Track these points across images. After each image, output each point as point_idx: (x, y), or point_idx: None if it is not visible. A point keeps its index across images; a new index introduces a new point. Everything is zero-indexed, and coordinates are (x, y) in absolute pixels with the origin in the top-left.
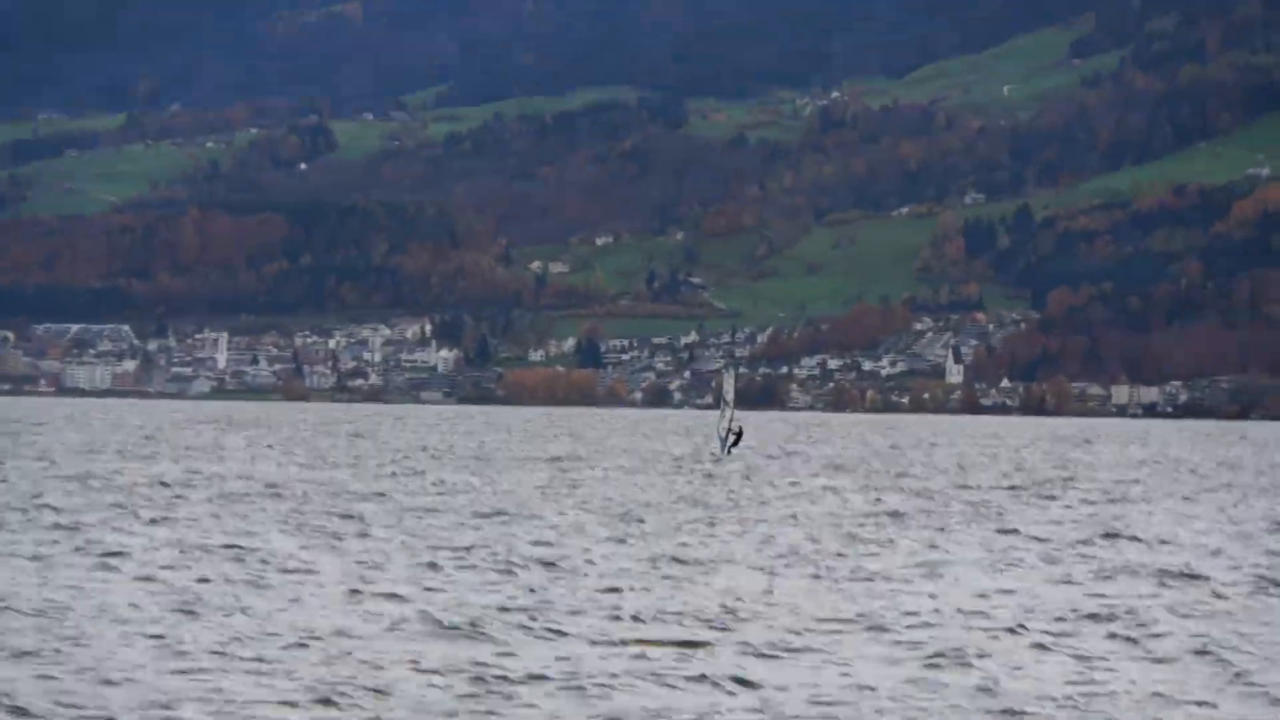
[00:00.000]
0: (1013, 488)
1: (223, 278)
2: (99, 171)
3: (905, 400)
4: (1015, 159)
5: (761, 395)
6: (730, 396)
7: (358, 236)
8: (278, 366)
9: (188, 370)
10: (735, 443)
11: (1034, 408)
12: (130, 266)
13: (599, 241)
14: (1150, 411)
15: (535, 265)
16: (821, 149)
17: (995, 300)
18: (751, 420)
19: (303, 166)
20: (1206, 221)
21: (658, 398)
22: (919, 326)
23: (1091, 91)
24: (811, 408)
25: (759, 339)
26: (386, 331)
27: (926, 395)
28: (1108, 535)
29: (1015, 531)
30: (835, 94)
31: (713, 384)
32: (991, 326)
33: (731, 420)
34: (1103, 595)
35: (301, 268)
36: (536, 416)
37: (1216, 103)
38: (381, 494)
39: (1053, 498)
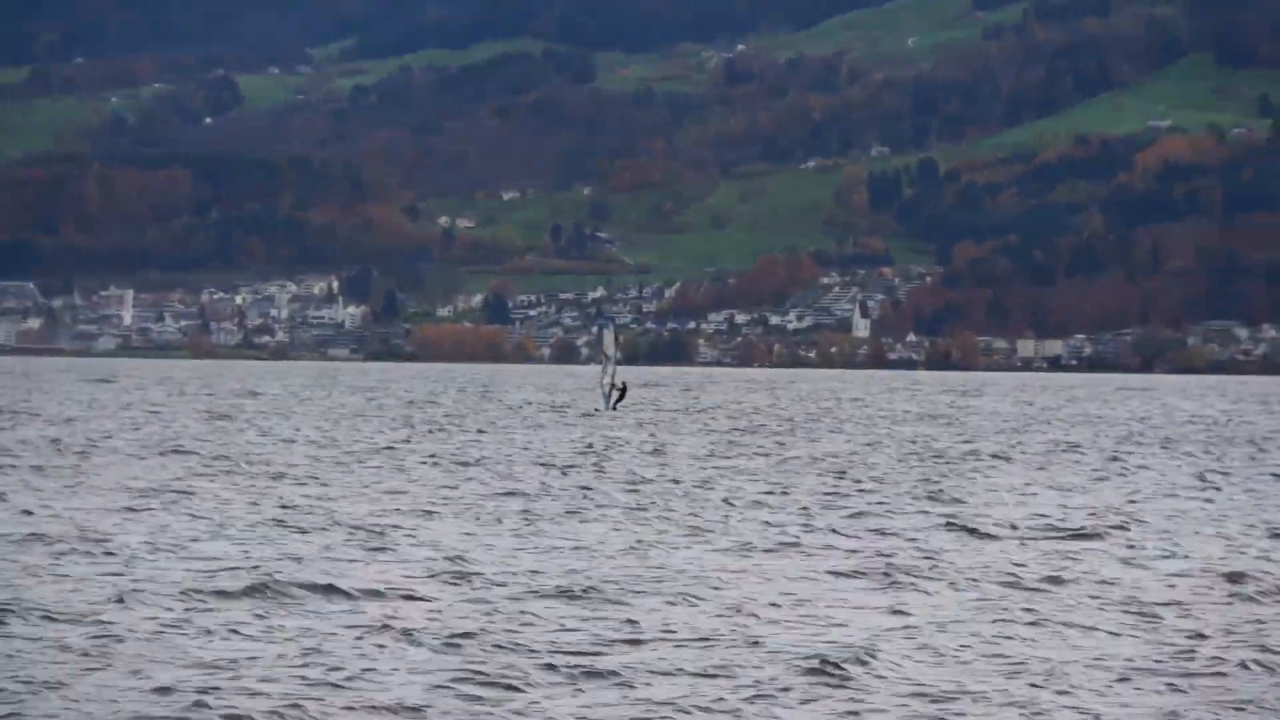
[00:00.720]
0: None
1: (129, 233)
2: (2, 125)
3: (813, 355)
4: (919, 112)
5: (669, 350)
6: (611, 351)
7: (264, 191)
8: (184, 323)
9: (93, 328)
10: (619, 399)
11: (940, 362)
12: (35, 222)
13: (506, 196)
14: (1055, 365)
15: (443, 220)
16: (728, 102)
17: (901, 254)
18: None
19: (209, 120)
20: (1109, 174)
21: (565, 353)
22: (825, 280)
23: (994, 44)
24: (719, 363)
25: (667, 293)
26: (293, 288)
27: (834, 349)
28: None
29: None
30: (741, 47)
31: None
32: (897, 280)
33: (614, 375)
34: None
35: (208, 222)
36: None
37: (1118, 55)
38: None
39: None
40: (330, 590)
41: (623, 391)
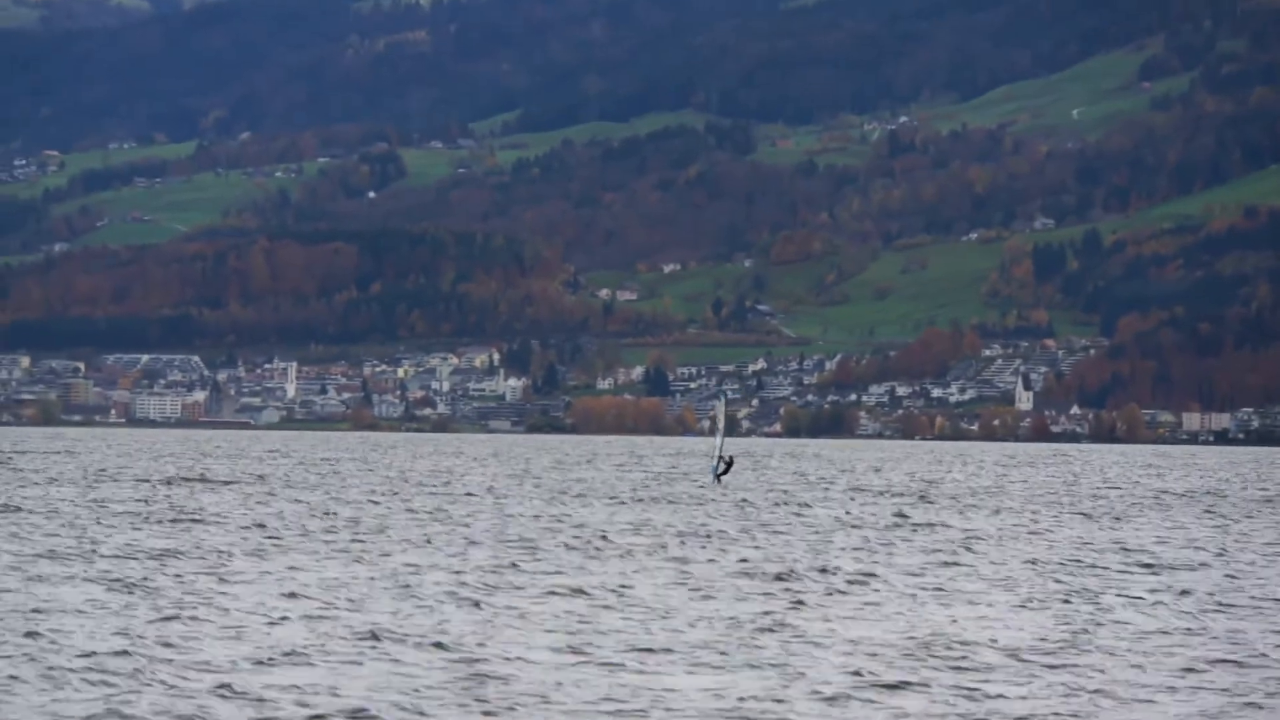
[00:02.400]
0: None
1: (292, 307)
2: (169, 200)
3: (975, 427)
4: (1083, 182)
5: (830, 423)
6: (721, 424)
7: (426, 264)
8: (346, 396)
9: (257, 400)
10: (725, 471)
11: (1104, 435)
12: (200, 296)
13: (666, 269)
14: (1222, 438)
15: (603, 292)
16: (890, 174)
17: (1064, 326)
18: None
19: (372, 195)
20: (1277, 245)
21: (727, 427)
22: (988, 353)
23: (1161, 114)
24: (880, 435)
25: (827, 366)
26: (455, 360)
27: (996, 422)
28: None
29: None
30: (903, 118)
31: (778, 410)
32: (1061, 353)
33: (722, 448)
34: None
35: (370, 296)
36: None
37: None
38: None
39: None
40: None
41: (729, 465)
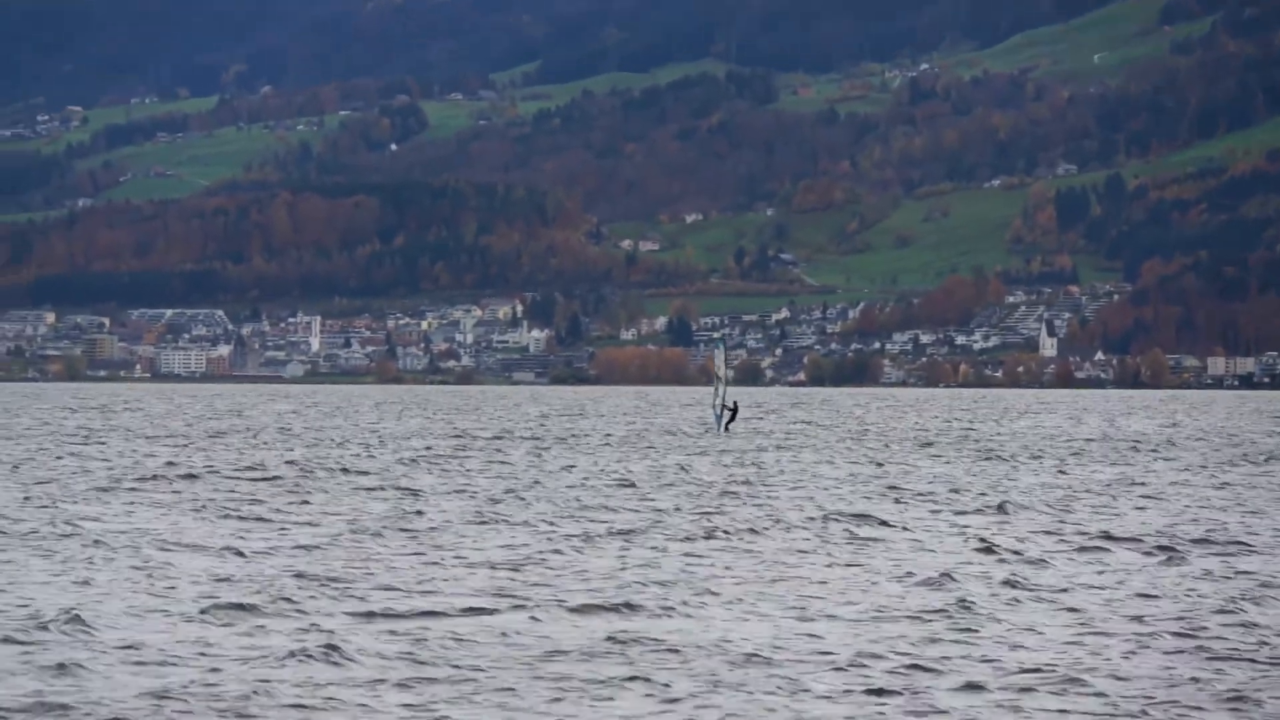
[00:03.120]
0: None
1: (315, 260)
2: (191, 155)
3: (999, 374)
4: (1106, 128)
5: (854, 371)
6: (722, 372)
7: (448, 217)
8: (370, 349)
9: (281, 354)
10: (731, 419)
11: (1129, 380)
12: (223, 250)
13: (688, 219)
14: (1246, 382)
15: (625, 243)
16: (911, 121)
17: (1088, 272)
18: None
19: (393, 147)
20: None
21: (750, 375)
22: (1011, 300)
23: (1182, 58)
24: (904, 383)
25: (850, 314)
26: (478, 313)
27: (1020, 369)
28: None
29: None
30: (924, 66)
31: (802, 360)
32: (1085, 299)
33: (725, 396)
34: None
35: (393, 249)
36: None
37: None
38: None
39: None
40: None
41: (734, 412)
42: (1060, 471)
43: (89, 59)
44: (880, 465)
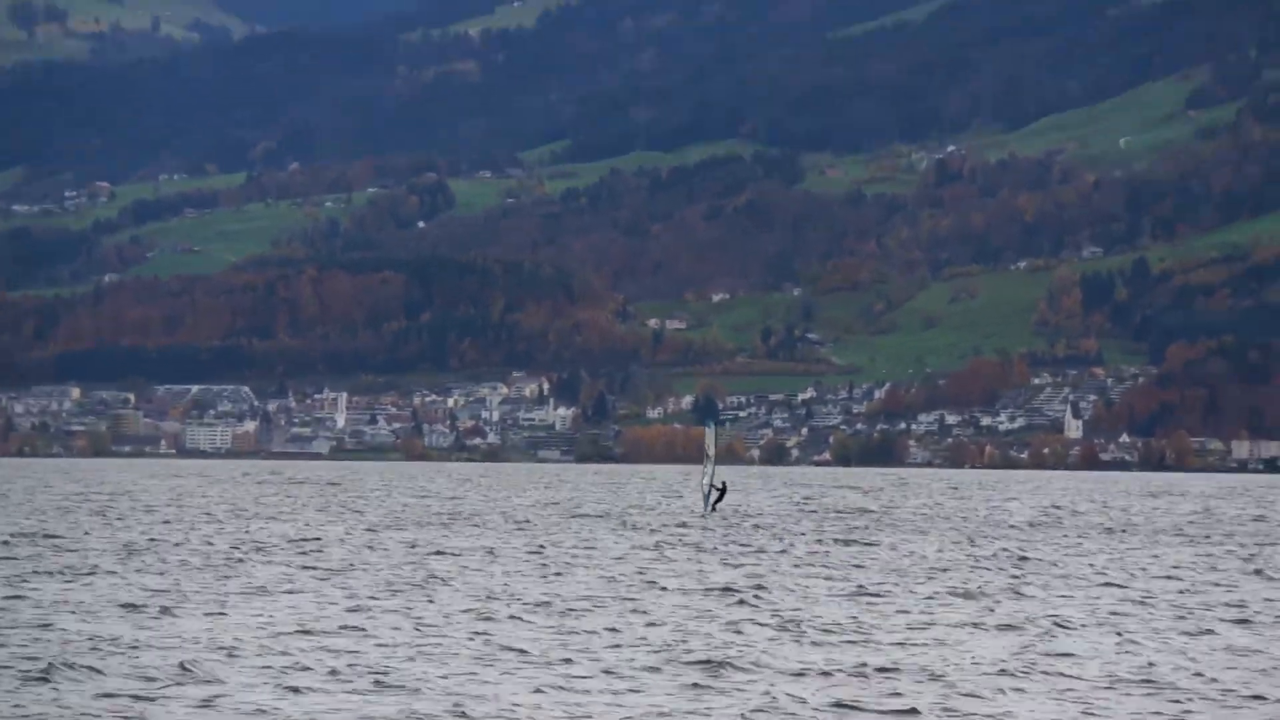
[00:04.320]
0: None
1: (342, 337)
2: (219, 231)
3: (1024, 456)
4: (1132, 211)
5: (879, 451)
6: (712, 451)
7: (475, 294)
8: (396, 425)
9: (307, 430)
10: (719, 499)
11: (1154, 463)
12: (250, 326)
13: (715, 298)
14: (1271, 466)
15: (653, 322)
16: (938, 203)
17: (1113, 355)
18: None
19: (421, 224)
20: None
21: (775, 455)
22: (1037, 381)
23: (1208, 143)
24: (930, 464)
25: (876, 394)
26: (504, 390)
27: (1046, 450)
28: None
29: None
30: (951, 148)
31: (828, 439)
32: (1110, 381)
33: (713, 476)
34: None
35: (420, 326)
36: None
37: None
38: None
39: None
40: None
41: (722, 492)
42: None
43: (117, 135)
44: None
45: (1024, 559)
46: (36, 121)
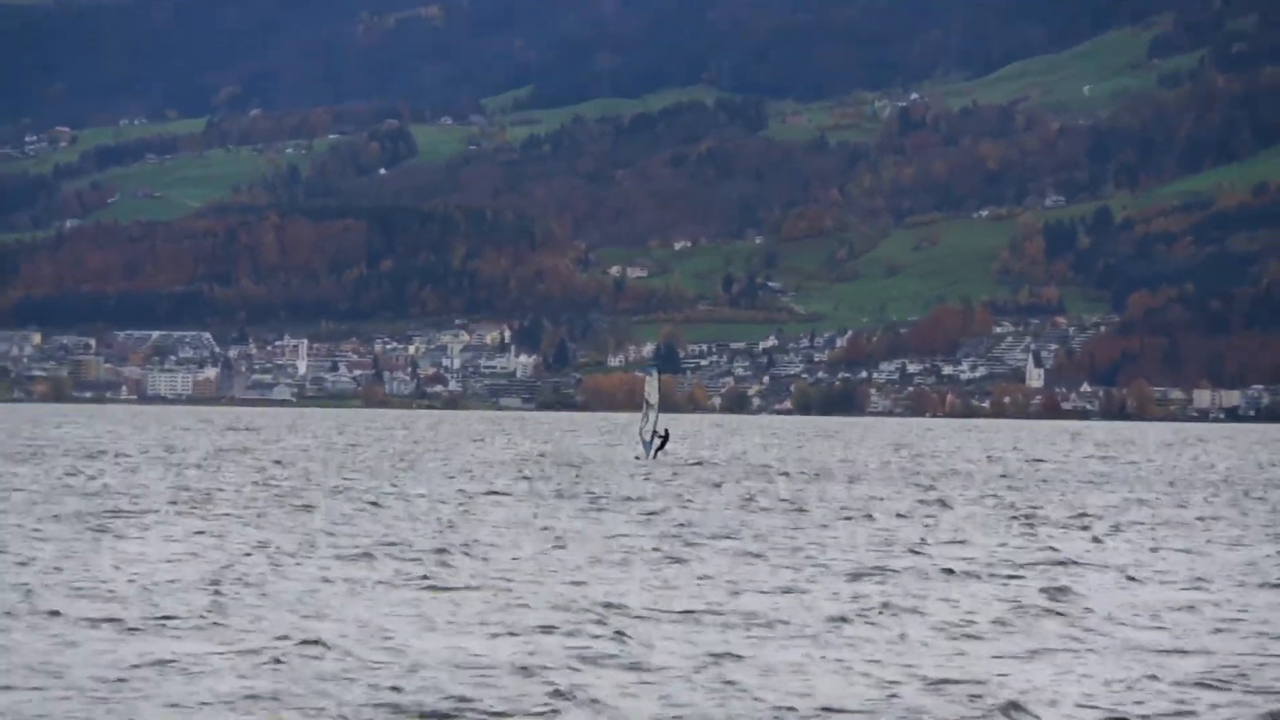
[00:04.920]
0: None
1: (303, 283)
2: (180, 176)
3: (985, 405)
4: (1095, 160)
5: (841, 400)
6: (654, 399)
7: (437, 241)
8: (358, 373)
9: (268, 377)
10: (660, 446)
11: (1115, 412)
12: (211, 272)
13: (677, 245)
14: (1232, 415)
15: (614, 269)
16: (901, 151)
17: (1075, 303)
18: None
19: (383, 171)
20: None
21: (737, 403)
22: (999, 330)
23: (1170, 91)
24: (891, 412)
25: (838, 343)
26: (466, 337)
27: (1007, 399)
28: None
29: None
30: (915, 95)
31: (789, 388)
32: (1072, 330)
33: (656, 423)
34: None
35: (381, 273)
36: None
37: None
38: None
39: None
40: None
41: (664, 439)
42: None
43: (78, 80)
44: None
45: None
46: None
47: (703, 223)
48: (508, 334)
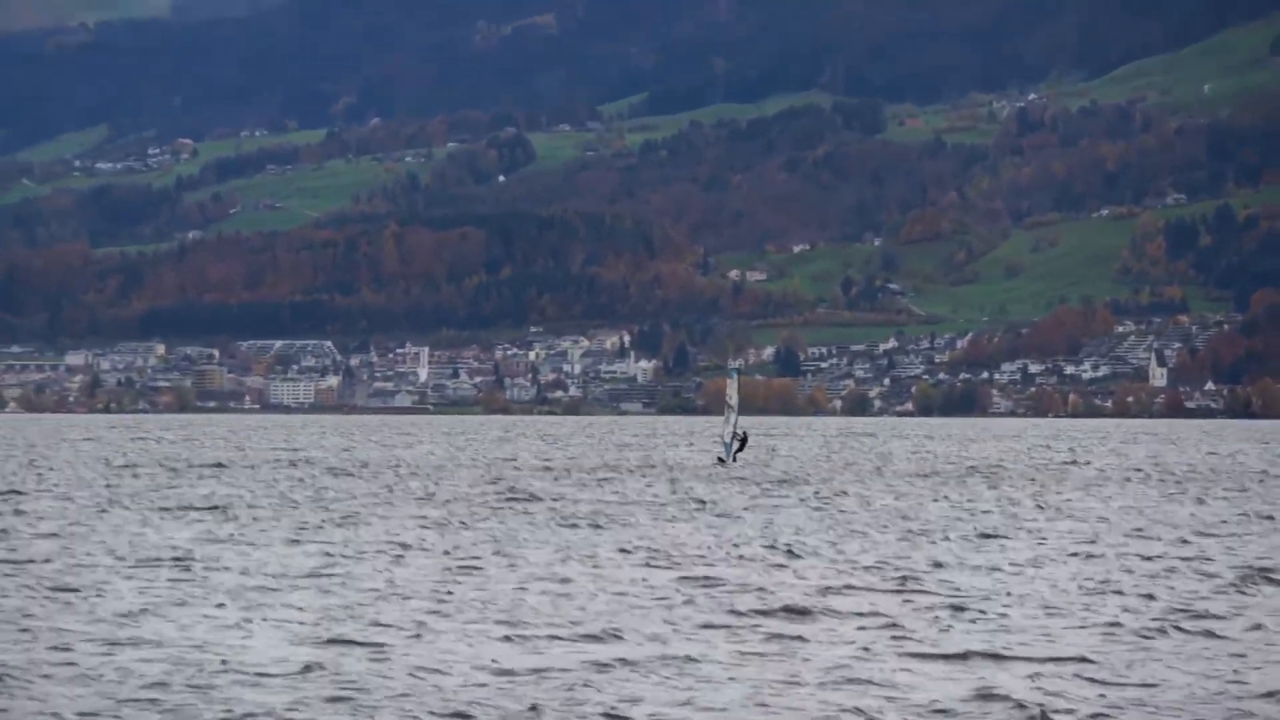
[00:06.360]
0: None
1: (424, 291)
2: (300, 187)
3: (1108, 404)
4: (1215, 158)
5: (962, 401)
6: (734, 401)
7: (556, 248)
8: (478, 379)
9: (390, 385)
10: (740, 448)
11: (1240, 410)
12: (332, 282)
13: (796, 249)
14: None
15: (733, 274)
16: (1019, 151)
17: (1198, 302)
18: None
19: (501, 179)
20: None
21: (857, 405)
22: (1121, 329)
23: None
24: (1013, 413)
25: (959, 344)
26: (585, 343)
27: (1130, 399)
28: None
29: None
30: (1032, 96)
31: (910, 389)
32: (1195, 328)
33: (736, 425)
34: None
35: (501, 280)
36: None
37: None
38: None
39: None
40: None
41: (743, 441)
42: None
43: (199, 92)
44: None
45: None
46: (119, 79)
47: (820, 226)
48: (627, 339)
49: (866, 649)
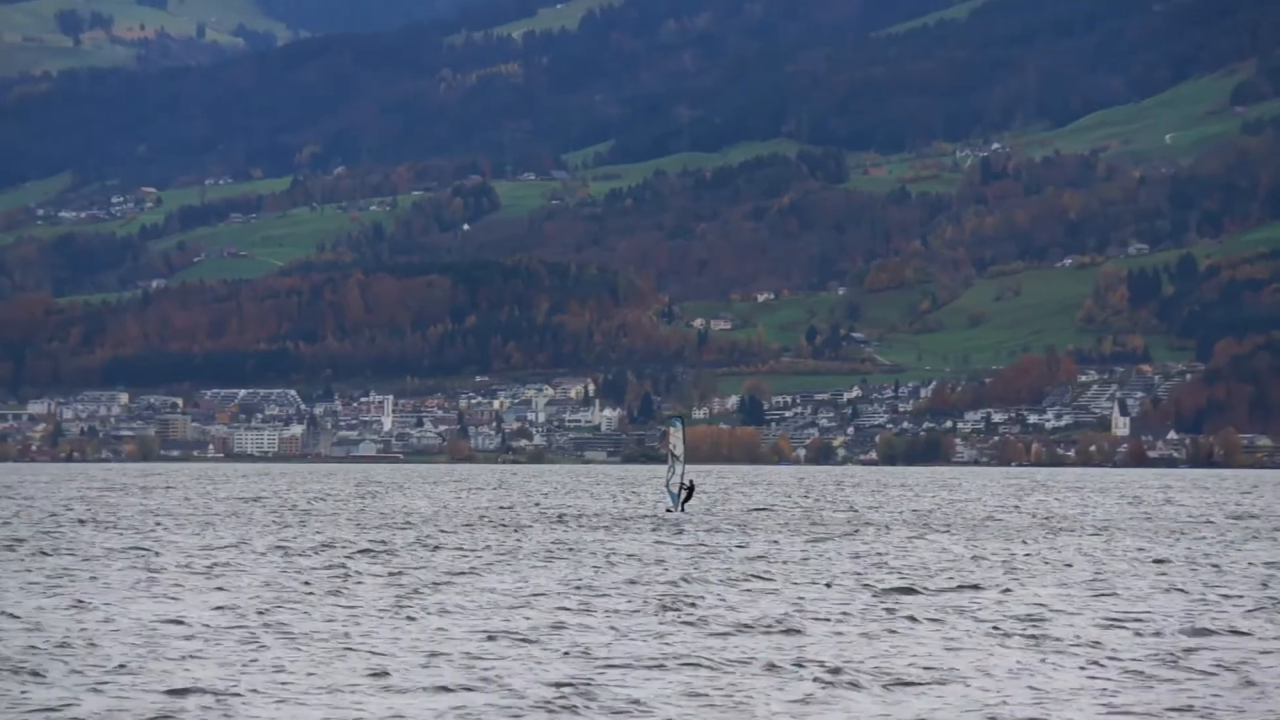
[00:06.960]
0: None
1: (388, 340)
2: (264, 235)
3: (1071, 453)
4: (1177, 207)
5: (926, 450)
6: (680, 450)
7: (520, 296)
8: (443, 428)
9: (354, 434)
10: (687, 498)
11: (1202, 460)
12: (296, 330)
13: (760, 298)
14: None
15: (698, 322)
16: (983, 200)
17: (1160, 351)
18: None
19: (466, 227)
20: None
21: (822, 454)
22: (1084, 378)
23: (1254, 138)
24: (976, 462)
25: (923, 393)
26: (550, 392)
27: (1093, 448)
28: None
29: None
30: (996, 145)
31: (874, 438)
32: (1157, 378)
33: (683, 475)
34: None
35: (465, 329)
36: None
37: None
38: None
39: None
40: None
41: (690, 490)
42: None
43: (163, 141)
44: None
45: None
46: (83, 128)
47: (785, 275)
48: (592, 388)
49: None
